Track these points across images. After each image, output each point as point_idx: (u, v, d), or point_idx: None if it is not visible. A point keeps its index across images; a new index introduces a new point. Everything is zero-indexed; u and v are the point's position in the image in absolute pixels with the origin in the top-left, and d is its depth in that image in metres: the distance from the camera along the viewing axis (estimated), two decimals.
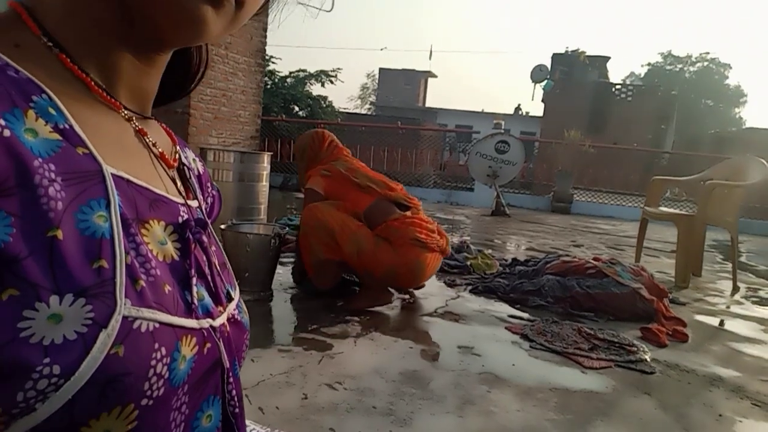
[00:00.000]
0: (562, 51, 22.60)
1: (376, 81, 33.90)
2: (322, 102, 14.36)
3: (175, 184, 0.48)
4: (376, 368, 1.92)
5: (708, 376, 2.15)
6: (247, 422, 1.27)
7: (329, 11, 0.56)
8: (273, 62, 13.82)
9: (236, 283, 0.54)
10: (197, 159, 0.59)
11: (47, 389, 0.30)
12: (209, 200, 0.59)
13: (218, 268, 0.49)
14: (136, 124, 0.45)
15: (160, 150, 0.47)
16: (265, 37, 8.28)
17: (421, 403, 1.68)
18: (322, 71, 14.59)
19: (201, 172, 0.58)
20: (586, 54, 21.70)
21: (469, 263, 3.64)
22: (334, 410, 1.58)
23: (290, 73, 14.23)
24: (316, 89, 14.64)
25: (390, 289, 2.70)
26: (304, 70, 14.40)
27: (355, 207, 2.63)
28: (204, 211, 0.53)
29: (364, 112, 31.05)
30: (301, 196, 2.95)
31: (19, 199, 0.31)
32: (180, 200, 0.47)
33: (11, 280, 0.30)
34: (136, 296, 0.35)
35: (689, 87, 33.04)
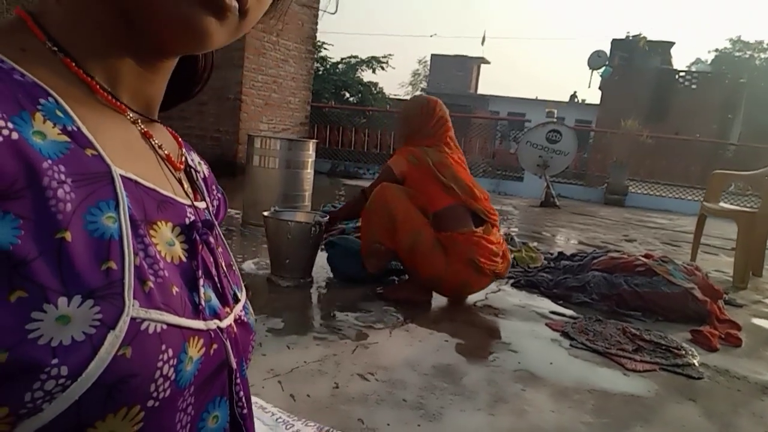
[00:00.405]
0: (623, 36, 21.67)
1: (428, 67, 33.59)
2: (373, 88, 14.37)
3: (182, 185, 0.49)
4: (409, 360, 1.92)
5: (760, 384, 2.03)
6: (275, 410, 1.29)
7: (333, 13, 0.55)
8: (325, 48, 13.91)
9: (243, 284, 0.55)
10: (203, 162, 0.60)
11: (54, 390, 0.30)
12: (215, 203, 0.59)
13: (225, 269, 0.50)
14: (142, 126, 0.45)
15: (166, 152, 0.47)
16: (316, 23, 8.33)
17: (452, 399, 1.66)
18: (373, 57, 14.58)
19: (207, 175, 0.59)
20: (648, 39, 20.72)
21: (512, 256, 3.57)
22: (364, 401, 1.59)
23: (342, 59, 14.30)
24: (367, 75, 14.71)
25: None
26: (355, 57, 14.44)
27: (429, 203, 2.52)
28: (211, 213, 0.53)
29: None
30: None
31: (28, 202, 0.31)
32: (187, 201, 0.47)
33: (20, 282, 0.30)
34: (144, 297, 0.36)
35: (759, 75, 31.12)
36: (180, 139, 0.55)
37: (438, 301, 2.65)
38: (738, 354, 2.36)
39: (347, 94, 13.92)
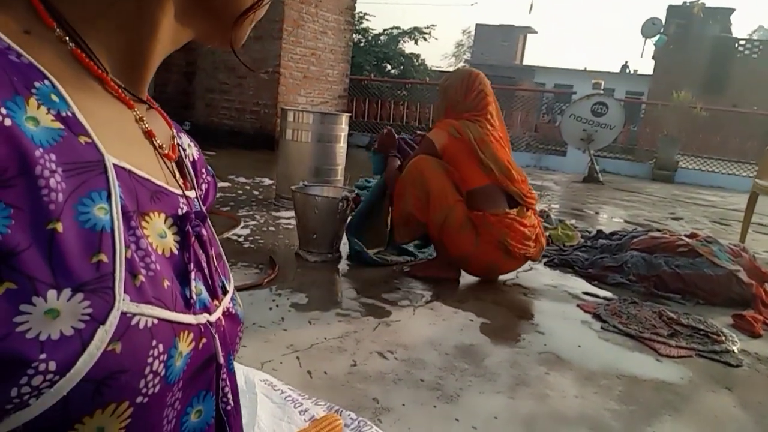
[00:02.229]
0: (680, 2, 20.55)
1: (472, 38, 32.79)
2: (415, 60, 14.16)
3: (174, 175, 0.47)
4: (431, 339, 1.89)
5: None
6: (285, 387, 1.28)
7: None
8: (366, 19, 13.77)
9: (231, 275, 0.54)
10: (192, 144, 0.58)
11: (42, 385, 0.30)
12: (204, 186, 0.58)
13: (215, 260, 0.49)
14: (146, 125, 0.45)
15: (159, 142, 0.46)
16: None
17: (471, 380, 1.63)
18: (416, 28, 14.33)
19: (196, 158, 0.57)
20: (706, 5, 19.56)
21: (548, 234, 3.47)
22: (381, 380, 1.57)
23: (384, 30, 14.11)
24: (409, 47, 14.48)
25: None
26: (397, 28, 14.22)
27: (465, 180, 2.46)
28: (200, 201, 0.52)
29: None
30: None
31: (20, 191, 0.30)
32: (179, 192, 0.46)
33: (8, 274, 0.29)
34: (135, 291, 0.35)
35: None
36: (170, 121, 0.53)
37: (466, 279, 2.60)
38: None
39: (389, 66, 13.78)
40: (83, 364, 0.31)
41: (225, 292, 0.49)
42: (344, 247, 2.78)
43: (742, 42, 20.06)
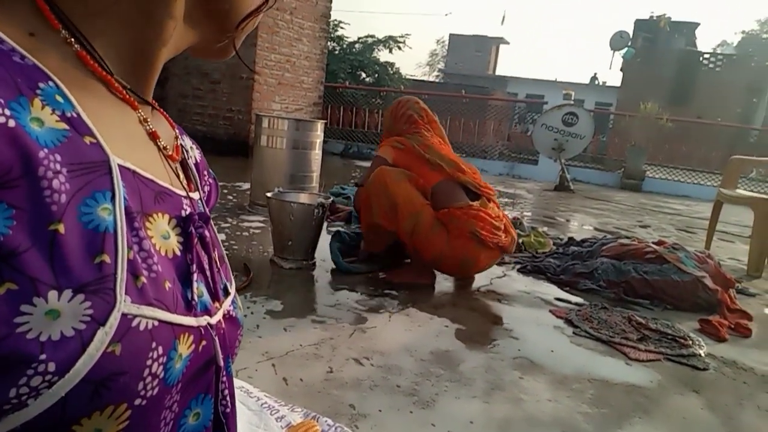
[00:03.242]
0: (647, 17, 21.13)
1: (446, 47, 33.13)
2: (390, 69, 14.23)
3: (178, 176, 0.47)
4: (406, 346, 1.90)
5: (767, 376, 1.99)
6: (262, 395, 1.28)
7: None
8: (341, 27, 13.79)
9: (233, 278, 0.54)
10: (194, 146, 0.59)
11: (41, 386, 0.30)
12: (206, 188, 0.58)
13: (217, 262, 0.49)
14: (150, 126, 0.45)
15: (164, 143, 0.46)
16: (331, 1, 8.23)
17: (447, 386, 1.64)
18: (390, 37, 14.42)
19: (198, 160, 0.57)
20: (671, 20, 20.17)
21: (521, 241, 3.52)
22: (357, 386, 1.57)
23: (358, 38, 14.16)
24: (384, 55, 14.56)
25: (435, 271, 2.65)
26: (372, 36, 14.29)
27: (425, 183, 2.54)
28: (203, 203, 0.52)
29: (432, 79, 30.52)
30: (362, 163, 2.93)
31: (23, 191, 0.30)
32: (183, 193, 0.46)
33: (9, 274, 0.29)
34: (136, 293, 0.35)
35: None
36: (174, 123, 0.54)
37: (441, 285, 2.62)
38: (747, 345, 2.31)
39: (363, 74, 13.82)
40: (82, 366, 0.31)
41: (226, 295, 0.49)
42: (319, 253, 2.77)
43: (706, 55, 20.74)
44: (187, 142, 0.56)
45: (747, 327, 2.43)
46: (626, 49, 19.57)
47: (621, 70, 21.03)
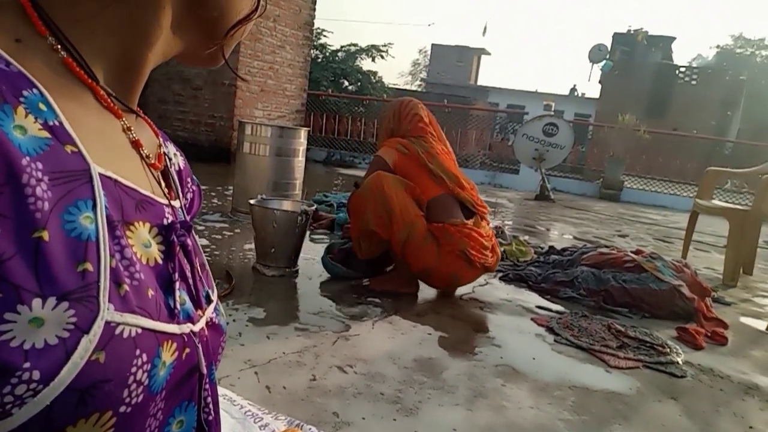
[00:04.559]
0: (624, 30, 21.56)
1: (428, 57, 33.39)
2: (372, 77, 14.29)
3: (160, 184, 0.47)
4: (390, 353, 1.90)
5: (743, 384, 2.02)
6: (245, 402, 1.27)
7: None
8: (324, 36, 13.83)
9: (214, 285, 0.54)
10: (178, 153, 0.58)
11: (25, 395, 0.29)
12: (189, 196, 0.58)
13: (199, 270, 0.49)
14: (133, 134, 0.44)
15: (146, 152, 0.46)
16: (314, 9, 8.25)
17: (430, 393, 1.65)
18: (373, 46, 14.50)
19: (182, 167, 0.57)
20: (648, 34, 20.61)
21: (502, 249, 3.55)
22: (341, 394, 1.57)
23: (341, 47, 14.20)
24: (366, 64, 14.64)
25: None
26: (355, 44, 14.35)
27: (423, 193, 2.52)
28: (184, 210, 0.52)
29: (414, 88, 30.72)
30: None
31: (6, 199, 0.30)
32: (165, 201, 0.46)
33: None
34: (119, 301, 0.35)
35: (760, 72, 30.95)
36: (157, 130, 0.54)
37: (424, 293, 2.63)
38: (723, 353, 2.35)
39: (346, 83, 13.85)
40: (67, 374, 0.31)
41: (209, 302, 0.49)
42: (301, 261, 2.76)
43: (682, 69, 21.22)
44: (171, 149, 0.56)
45: (723, 335, 2.48)
46: (604, 61, 19.93)
47: (599, 82, 21.40)
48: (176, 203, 0.49)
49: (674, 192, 9.43)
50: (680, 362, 2.14)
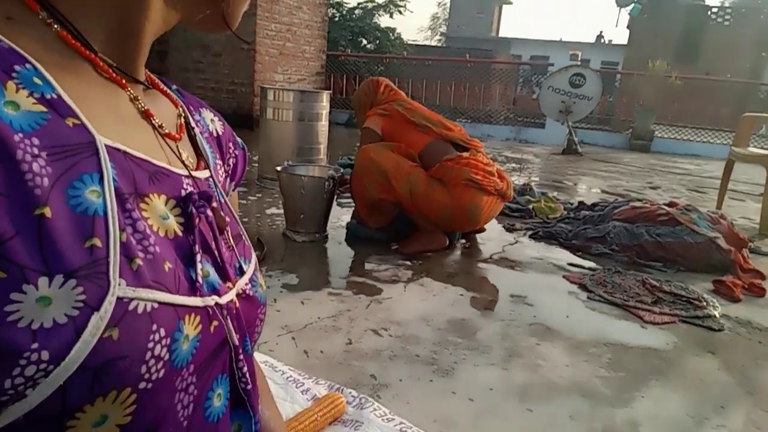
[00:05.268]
0: None
1: (447, 10, 32.46)
2: (391, 34, 13.99)
3: (180, 154, 0.46)
4: (423, 315, 1.92)
5: None
6: (286, 368, 1.29)
7: None
8: None
9: (253, 255, 0.53)
10: (216, 118, 0.57)
11: (36, 375, 0.29)
12: (231, 161, 0.57)
13: (232, 240, 0.48)
14: (142, 104, 0.43)
15: (159, 122, 0.45)
16: None
17: (465, 354, 1.66)
18: (390, 1, 14.13)
19: (220, 133, 0.56)
20: None
21: (531, 207, 3.52)
22: (377, 357, 1.59)
23: (358, 3, 13.89)
24: (384, 21, 14.32)
25: (445, 233, 2.66)
26: (372, 1, 14.00)
27: (411, 147, 2.59)
28: (216, 180, 0.50)
29: (434, 44, 30.04)
30: None
31: (0, 177, 0.29)
32: (184, 172, 0.45)
33: None
34: (132, 276, 0.34)
35: None
36: (177, 100, 0.52)
37: (453, 254, 2.63)
38: (762, 304, 2.31)
39: (364, 41, 13.60)
40: (78, 353, 0.30)
41: (242, 273, 0.48)
42: (330, 226, 2.78)
43: (714, 10, 20.20)
44: (207, 114, 0.55)
45: (761, 287, 2.43)
46: (632, 5, 19.07)
47: (627, 27, 20.55)
48: (202, 173, 0.48)
49: (708, 140, 9.13)
50: (717, 315, 2.11)
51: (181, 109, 0.51)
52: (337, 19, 12.94)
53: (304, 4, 7.71)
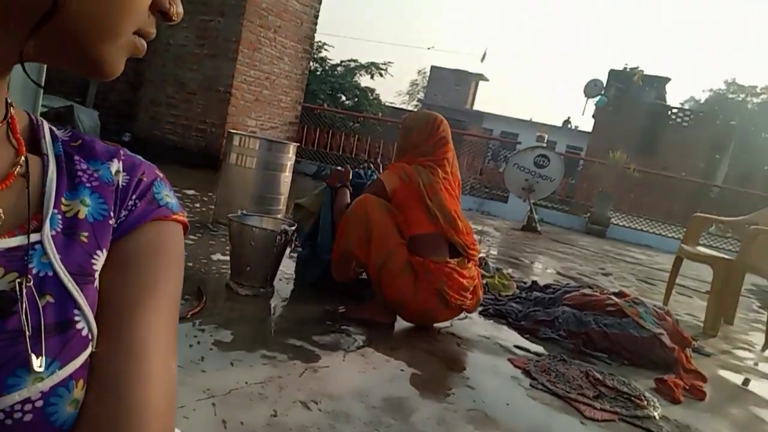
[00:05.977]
0: (621, 68, 21.87)
1: (427, 79, 33.63)
2: (370, 94, 14.34)
3: None
4: (359, 390, 1.82)
5: None
6: None
7: None
8: (325, 49, 13.86)
9: (83, 354, 0.39)
10: (125, 173, 0.46)
11: None
12: (123, 213, 0.45)
13: (44, 330, 0.37)
14: None
15: None
16: (316, 24, 8.24)
17: None
18: (373, 63, 14.55)
19: (122, 186, 0.46)
20: (644, 73, 20.92)
21: (485, 281, 3.50)
22: None
23: (341, 61, 14.25)
24: (365, 81, 14.65)
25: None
26: (355, 60, 14.39)
27: (410, 225, 2.44)
28: (50, 242, 0.40)
29: (410, 108, 30.87)
30: None
31: None
32: None
33: None
34: None
35: (750, 118, 31.48)
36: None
37: (400, 324, 2.55)
38: (701, 408, 2.29)
39: (343, 97, 13.87)
40: None
41: (39, 379, 0.36)
42: (278, 283, 2.68)
43: (674, 110, 21.48)
44: (114, 166, 0.46)
45: (701, 389, 2.43)
46: (599, 97, 20.15)
47: (593, 116, 21.60)
48: (10, 242, 0.38)
49: (660, 232, 9.46)
50: (657, 417, 2.08)
51: (22, 157, 0.41)
52: (319, 72, 13.20)
53: (286, 55, 7.82)
